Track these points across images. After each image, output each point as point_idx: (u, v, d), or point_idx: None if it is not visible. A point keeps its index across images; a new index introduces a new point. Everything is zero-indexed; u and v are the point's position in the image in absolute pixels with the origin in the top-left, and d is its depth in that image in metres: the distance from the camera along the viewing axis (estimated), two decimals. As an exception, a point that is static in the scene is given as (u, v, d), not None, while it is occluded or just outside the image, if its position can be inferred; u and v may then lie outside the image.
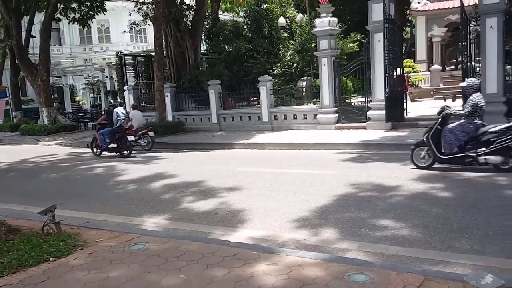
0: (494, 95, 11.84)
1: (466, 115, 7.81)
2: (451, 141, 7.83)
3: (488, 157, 7.45)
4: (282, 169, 9.34)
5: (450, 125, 8.03)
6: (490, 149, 7.44)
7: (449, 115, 8.10)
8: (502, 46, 11.64)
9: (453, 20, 23.56)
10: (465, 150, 7.73)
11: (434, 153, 7.98)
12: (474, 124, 7.78)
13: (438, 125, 8.10)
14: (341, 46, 20.05)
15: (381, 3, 13.34)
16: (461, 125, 7.87)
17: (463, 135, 7.78)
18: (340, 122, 14.91)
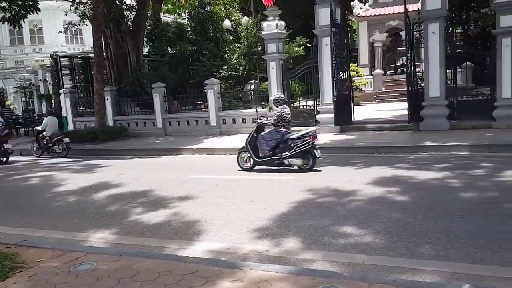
0: (437, 99, 12.27)
1: (273, 124, 9.10)
2: (264, 146, 9.02)
3: (291, 160, 8.77)
4: (235, 175, 9.04)
5: (263, 132, 9.29)
6: (291, 153, 8.72)
7: (262, 124, 9.42)
8: (444, 51, 12.08)
9: (393, 26, 24.51)
10: (274, 154, 8.95)
11: (252, 157, 9.16)
12: (280, 132, 9.05)
13: (254, 132, 9.31)
14: (287, 50, 20.09)
15: (327, 7, 13.45)
16: (270, 132, 9.15)
17: (272, 141, 9.00)
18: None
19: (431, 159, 9.22)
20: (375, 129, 13.38)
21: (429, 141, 10.70)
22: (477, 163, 8.33)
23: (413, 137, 11.53)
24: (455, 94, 12.45)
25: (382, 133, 12.73)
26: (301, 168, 8.78)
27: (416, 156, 9.78)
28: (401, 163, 8.90)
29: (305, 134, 8.82)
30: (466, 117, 12.24)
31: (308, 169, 8.70)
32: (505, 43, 11.30)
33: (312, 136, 8.72)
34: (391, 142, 11.21)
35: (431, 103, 12.36)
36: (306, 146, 8.62)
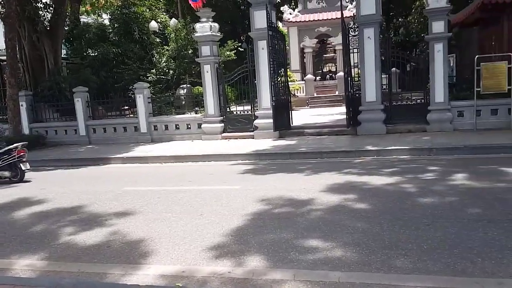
0: (373, 103, 12.39)
1: None
2: None
3: (1, 172, 9.74)
4: (177, 186, 8.28)
5: None
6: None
7: None
8: (379, 56, 12.24)
9: (322, 32, 24.99)
10: None
11: None
12: None
13: None
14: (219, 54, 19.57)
15: (263, 10, 13.13)
16: None
17: None
18: (226, 132, 14.30)
19: (376, 164, 9.14)
20: (314, 134, 13.25)
21: (370, 145, 10.70)
22: (423, 167, 8.34)
23: (353, 142, 11.50)
24: (390, 98, 12.65)
25: (322, 138, 12.61)
26: (11, 179, 9.75)
27: (360, 161, 9.69)
28: (349, 168, 8.70)
29: (11, 148, 9.78)
30: (401, 121, 12.50)
31: (17, 180, 9.72)
32: (437, 48, 11.67)
33: (17, 151, 9.73)
34: (333, 147, 11.07)
35: (367, 107, 12.46)
36: (12, 160, 9.65)
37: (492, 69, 11.12)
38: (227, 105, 14.76)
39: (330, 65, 26.97)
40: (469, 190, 6.38)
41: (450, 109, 11.82)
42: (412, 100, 12.73)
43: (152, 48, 21.95)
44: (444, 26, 11.59)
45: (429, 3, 11.63)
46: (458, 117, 11.88)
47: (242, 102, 15.41)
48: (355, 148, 10.67)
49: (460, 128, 11.73)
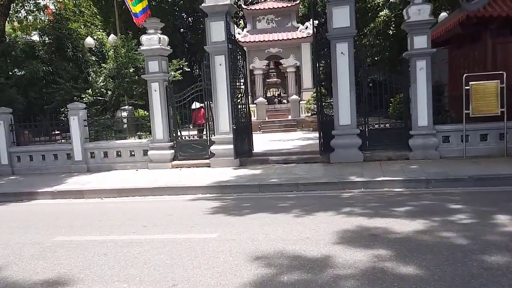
0: (348, 127, 10.90)
1: None
2: None
3: None
4: (129, 234, 6.05)
5: None
6: None
7: None
8: (354, 74, 10.85)
9: (273, 53, 23.70)
10: None
11: None
12: None
13: None
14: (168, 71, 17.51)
15: (222, 21, 11.37)
16: None
17: None
18: (177, 159, 12.13)
19: (374, 199, 7.47)
20: (280, 161, 11.46)
21: (353, 176, 9.09)
22: (441, 204, 6.77)
23: (330, 171, 9.84)
24: (366, 122, 11.22)
25: (290, 167, 10.85)
26: None
27: (349, 195, 8.00)
28: (346, 206, 6.94)
29: None
30: (379, 148, 11.08)
31: None
32: (420, 65, 10.47)
33: None
34: (310, 177, 9.33)
35: (341, 132, 10.94)
36: None
37: (483, 89, 10.05)
38: (178, 129, 12.64)
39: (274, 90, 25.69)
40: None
41: (435, 134, 10.58)
42: (391, 124, 11.42)
43: (87, 67, 19.41)
44: (427, 41, 10.43)
45: (409, 16, 10.46)
46: (443, 143, 10.66)
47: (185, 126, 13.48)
48: (336, 179, 8.99)
49: (447, 156, 10.48)
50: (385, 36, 21.35)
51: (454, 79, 13.73)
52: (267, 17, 24.58)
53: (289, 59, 23.99)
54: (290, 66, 24.20)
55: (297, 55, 23.82)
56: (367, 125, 11.21)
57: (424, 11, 10.36)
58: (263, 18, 24.63)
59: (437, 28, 12.01)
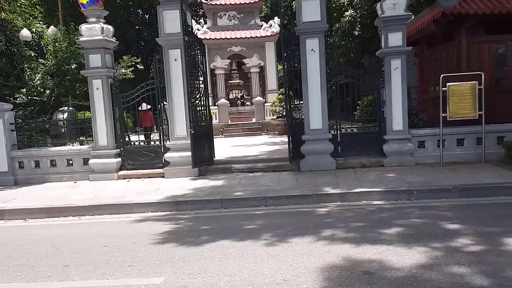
0: (319, 131, 9.88)
1: None
2: None
3: None
4: (41, 281, 4.60)
5: None
6: None
7: None
8: (325, 73, 9.83)
9: (236, 52, 22.45)
10: None
11: None
12: None
13: None
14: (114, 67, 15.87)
15: (177, 10, 10.02)
16: None
17: None
18: (125, 169, 10.67)
19: (355, 216, 6.43)
20: (245, 170, 10.27)
21: (328, 187, 8.05)
22: (435, 223, 5.79)
23: (302, 181, 8.75)
24: (338, 125, 10.24)
25: (257, 176, 9.68)
26: None
27: (326, 210, 6.93)
28: (325, 228, 5.83)
29: None
30: (352, 154, 10.15)
31: None
32: (395, 65, 9.60)
33: None
34: (279, 189, 8.19)
35: (312, 136, 9.90)
36: None
37: (461, 91, 9.29)
38: (126, 134, 11.15)
39: (237, 91, 24.46)
40: None
41: (410, 139, 9.73)
42: (364, 128, 10.50)
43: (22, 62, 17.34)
44: (403, 38, 9.57)
45: (384, 10, 9.56)
46: (419, 148, 9.85)
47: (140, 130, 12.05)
48: (310, 190, 7.91)
49: (423, 162, 9.67)
50: (350, 37, 20.65)
51: (425, 81, 13.06)
52: (229, 14, 23.28)
53: (252, 59, 22.79)
54: (254, 66, 23.02)
55: (261, 54, 22.70)
56: (339, 129, 10.23)
57: (399, 5, 9.51)
58: (225, 14, 23.30)
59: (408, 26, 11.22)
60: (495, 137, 9.53)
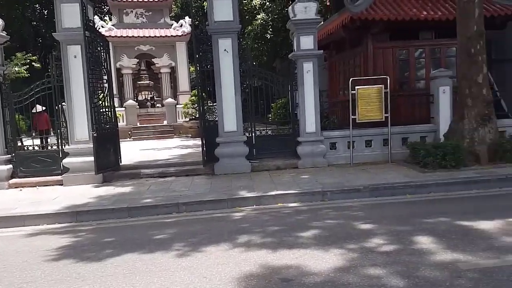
0: (234, 134, 9.63)
1: None
2: None
3: None
4: None
5: None
6: None
7: None
8: (239, 74, 9.61)
9: (144, 51, 21.46)
10: None
11: None
12: None
13: None
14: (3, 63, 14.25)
15: (76, 3, 9.17)
16: None
17: None
18: (17, 177, 9.51)
19: (271, 220, 6.25)
20: (155, 175, 9.67)
21: (243, 190, 7.82)
22: (347, 223, 5.77)
23: (216, 185, 8.42)
24: (253, 128, 10.07)
25: (168, 181, 9.15)
26: None
27: (242, 215, 6.67)
28: (241, 234, 5.54)
29: None
30: (268, 156, 10.05)
31: None
32: (307, 68, 9.67)
33: None
34: (192, 194, 7.77)
35: (227, 139, 9.62)
36: None
37: (368, 94, 9.61)
38: (18, 138, 9.97)
39: (147, 93, 23.45)
40: (485, 275, 3.95)
41: (323, 141, 9.86)
42: (279, 130, 10.45)
43: None
44: (314, 41, 9.69)
45: (295, 13, 9.59)
46: (331, 150, 10.01)
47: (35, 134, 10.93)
48: (225, 195, 7.60)
49: (335, 163, 9.85)
50: (263, 40, 20.78)
51: (335, 84, 13.44)
52: (136, 11, 22.20)
53: (162, 59, 21.92)
54: (164, 67, 22.17)
55: (171, 54, 21.93)
56: (254, 131, 10.07)
57: (310, 9, 9.61)
58: (132, 11, 22.18)
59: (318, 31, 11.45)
60: (400, 138, 10.00)
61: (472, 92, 8.89)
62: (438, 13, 10.72)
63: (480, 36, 8.81)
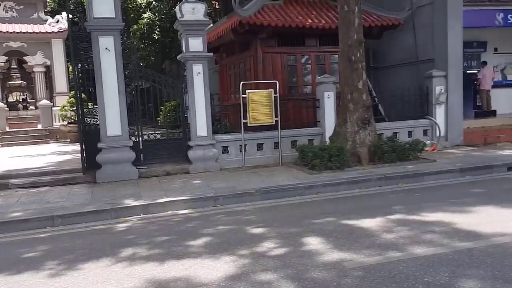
0: (118, 138, 9.00)
1: None
2: None
3: None
4: None
5: None
6: None
7: None
8: (123, 74, 9.02)
9: (14, 48, 19.23)
10: None
11: None
12: None
13: None
14: None
15: None
16: None
17: None
18: None
19: (159, 229, 5.88)
20: (27, 185, 8.62)
21: (129, 199, 7.32)
22: (239, 228, 5.64)
23: (97, 195, 7.75)
24: (140, 131, 9.53)
25: (42, 192, 8.20)
26: None
27: (127, 226, 6.21)
28: (125, 246, 5.09)
29: None
30: (157, 162, 9.60)
31: None
32: (197, 70, 9.42)
33: None
34: (69, 206, 7.04)
35: (110, 144, 8.96)
36: None
37: (259, 98, 9.68)
38: None
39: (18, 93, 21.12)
40: (369, 273, 4.06)
41: (215, 145, 9.69)
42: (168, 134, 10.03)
43: None
44: (203, 43, 9.48)
45: (183, 14, 9.30)
46: (223, 154, 9.88)
47: None
48: (108, 204, 7.01)
49: (227, 167, 9.74)
50: (150, 41, 20.00)
51: (226, 88, 13.38)
52: (5, 4, 19.83)
53: (36, 57, 19.87)
54: (38, 65, 20.09)
55: (47, 52, 19.97)
56: (141, 135, 9.53)
57: (198, 10, 9.39)
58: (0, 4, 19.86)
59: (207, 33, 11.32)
60: (290, 141, 10.24)
61: (354, 97, 9.41)
62: (322, 22, 11.25)
63: (359, 44, 9.38)
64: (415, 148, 9.48)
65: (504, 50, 14.56)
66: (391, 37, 12.69)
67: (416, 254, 4.33)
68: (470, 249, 4.39)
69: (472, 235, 4.83)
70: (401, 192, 7.51)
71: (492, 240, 4.62)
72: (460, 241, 4.64)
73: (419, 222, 5.45)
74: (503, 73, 14.88)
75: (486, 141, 11.73)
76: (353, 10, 9.29)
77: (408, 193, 7.41)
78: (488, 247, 4.41)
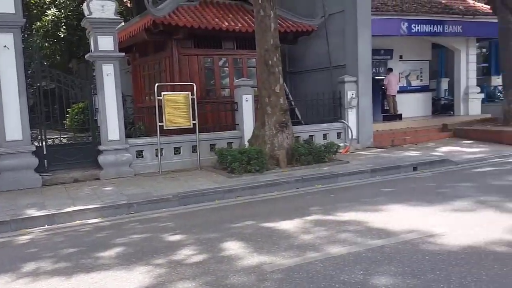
0: (19, 143, 8.23)
1: None
2: None
3: None
4: None
5: None
6: None
7: None
8: (24, 75, 8.27)
9: None
10: None
11: None
12: None
13: None
14: None
15: None
16: None
17: None
18: None
19: (66, 241, 5.40)
20: None
21: (33, 208, 6.71)
22: (155, 236, 5.35)
23: (-6, 205, 6.99)
24: (44, 135, 8.78)
25: None
26: None
27: (29, 238, 5.67)
28: (27, 261, 4.59)
29: None
30: (63, 168, 8.91)
31: None
32: (107, 70, 8.89)
33: None
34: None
35: (9, 149, 8.15)
36: None
37: (175, 100, 9.40)
38: None
39: None
40: (287, 275, 4.02)
41: (128, 149, 9.22)
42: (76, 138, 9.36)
43: None
44: (114, 43, 8.98)
45: (91, 11, 8.76)
46: (137, 158, 9.44)
47: None
48: (7, 216, 6.36)
49: (142, 172, 9.32)
50: (55, 39, 18.65)
51: (140, 89, 12.85)
52: None
53: None
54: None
55: None
56: (45, 140, 8.78)
57: (108, 8, 8.91)
58: None
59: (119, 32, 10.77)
60: (209, 145, 10.07)
61: (271, 101, 9.49)
62: (239, 25, 11.24)
63: (276, 49, 9.49)
64: (330, 150, 9.80)
65: (408, 57, 15.73)
66: (306, 43, 13.07)
67: (332, 253, 4.40)
68: (382, 246, 4.55)
69: (383, 233, 5.03)
70: (318, 193, 7.69)
71: (402, 237, 4.84)
72: (373, 239, 4.80)
73: (335, 222, 5.58)
74: (407, 79, 16.05)
75: (394, 143, 12.48)
76: (269, 15, 9.38)
77: (324, 194, 7.60)
78: (398, 244, 4.61)
